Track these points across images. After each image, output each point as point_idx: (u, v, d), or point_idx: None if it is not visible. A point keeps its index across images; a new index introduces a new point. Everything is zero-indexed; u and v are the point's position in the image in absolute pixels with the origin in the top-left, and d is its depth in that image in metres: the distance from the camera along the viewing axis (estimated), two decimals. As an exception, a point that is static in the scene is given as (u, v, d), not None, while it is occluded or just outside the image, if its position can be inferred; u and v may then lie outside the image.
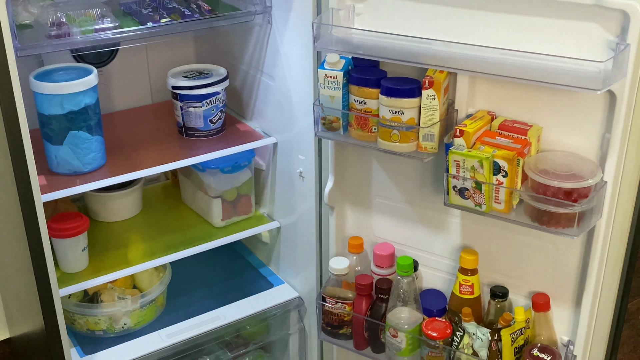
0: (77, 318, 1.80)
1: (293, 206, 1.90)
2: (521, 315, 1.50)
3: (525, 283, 1.55)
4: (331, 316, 1.72)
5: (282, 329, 2.01)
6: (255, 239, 2.11)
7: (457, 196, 1.40)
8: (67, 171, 1.67)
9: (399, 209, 1.67)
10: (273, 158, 1.92)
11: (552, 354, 1.48)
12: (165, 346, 1.79)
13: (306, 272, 1.93)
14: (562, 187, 1.29)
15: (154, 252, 1.84)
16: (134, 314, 1.82)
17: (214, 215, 1.93)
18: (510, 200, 1.37)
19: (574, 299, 1.50)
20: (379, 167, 1.65)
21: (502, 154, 1.33)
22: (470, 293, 1.57)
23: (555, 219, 1.31)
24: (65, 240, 1.70)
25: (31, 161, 1.45)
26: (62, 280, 1.71)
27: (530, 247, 1.51)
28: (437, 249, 1.65)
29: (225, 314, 1.89)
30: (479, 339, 1.51)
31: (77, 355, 1.75)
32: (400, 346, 1.61)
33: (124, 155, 1.78)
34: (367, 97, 1.45)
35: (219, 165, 1.87)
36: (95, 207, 1.97)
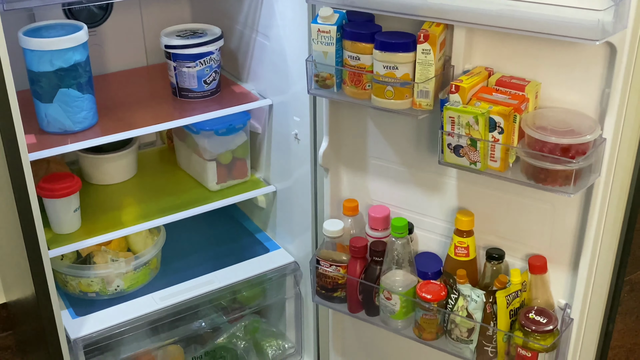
0: (69, 280, 1.78)
1: (289, 170, 1.87)
2: (517, 277, 1.47)
3: (522, 245, 1.52)
4: (325, 279, 1.69)
5: (278, 294, 1.99)
6: (252, 204, 2.08)
7: (452, 154, 1.36)
8: (57, 130, 1.64)
9: (394, 171, 1.64)
10: (269, 121, 1.89)
11: (549, 316, 1.45)
12: (158, 309, 1.77)
13: (302, 237, 1.90)
14: (560, 144, 1.25)
15: (147, 215, 1.82)
16: (127, 277, 1.80)
17: (209, 179, 1.90)
18: (506, 158, 1.33)
19: (571, 262, 1.47)
20: (374, 128, 1.61)
21: (499, 110, 1.29)
22: (466, 255, 1.54)
23: (552, 177, 1.28)
24: (57, 200, 1.68)
25: (17, 118, 1.41)
26: (54, 242, 1.69)
27: (528, 208, 1.48)
28: (433, 211, 1.62)
29: (219, 278, 1.88)
30: (473, 301, 1.49)
31: (69, 316, 1.74)
32: (394, 309, 1.59)
33: (116, 115, 1.75)
34: (361, 53, 1.41)
35: (214, 127, 1.84)
36: (88, 169, 1.94)
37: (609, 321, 1.48)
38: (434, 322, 1.56)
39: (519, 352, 1.46)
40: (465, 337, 1.52)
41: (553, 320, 1.44)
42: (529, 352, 1.44)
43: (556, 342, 1.44)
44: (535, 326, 1.43)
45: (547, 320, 1.44)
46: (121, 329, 1.72)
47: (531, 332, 1.43)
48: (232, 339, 1.98)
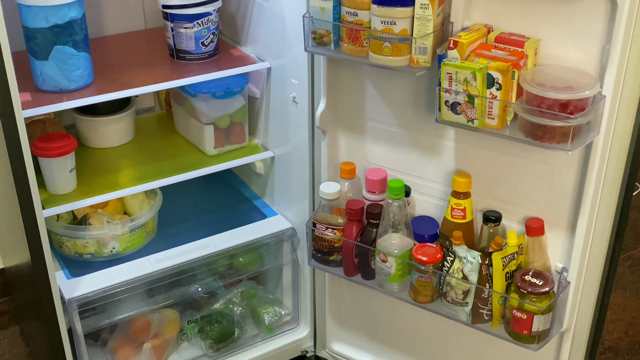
0: (64, 241, 1.78)
1: (287, 135, 1.85)
2: (514, 239, 1.46)
3: (519, 208, 1.50)
4: (321, 242, 1.68)
5: (275, 260, 1.98)
6: (250, 171, 2.07)
7: (449, 112, 1.35)
8: (52, 88, 1.63)
9: (392, 133, 1.62)
10: (267, 85, 1.87)
11: (545, 279, 1.44)
12: (153, 271, 1.76)
13: (300, 204, 1.89)
14: (558, 99, 1.23)
15: (144, 177, 1.80)
16: (123, 239, 1.79)
17: (207, 143, 1.89)
18: (504, 116, 1.31)
19: (569, 224, 1.45)
20: (372, 88, 1.60)
21: (497, 66, 1.27)
22: (462, 217, 1.52)
23: (550, 134, 1.26)
24: (52, 160, 1.67)
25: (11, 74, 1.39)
26: (49, 202, 1.69)
27: (526, 170, 1.46)
28: (430, 174, 1.60)
29: (216, 242, 1.87)
30: (469, 262, 1.47)
31: (64, 277, 1.74)
32: (389, 271, 1.58)
33: (112, 75, 1.73)
34: (359, 8, 1.39)
35: (211, 89, 1.82)
36: (85, 132, 1.93)
37: (607, 284, 1.47)
38: (429, 284, 1.55)
39: (514, 315, 1.44)
40: (461, 299, 1.51)
41: (549, 282, 1.43)
42: (524, 314, 1.43)
43: (552, 305, 1.43)
44: (531, 288, 1.42)
45: (544, 282, 1.43)
46: (116, 290, 1.72)
47: (527, 293, 1.42)
48: (229, 304, 1.97)
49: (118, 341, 1.88)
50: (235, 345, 1.95)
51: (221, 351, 1.93)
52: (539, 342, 1.45)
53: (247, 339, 1.98)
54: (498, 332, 1.50)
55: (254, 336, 2.00)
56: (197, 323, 1.92)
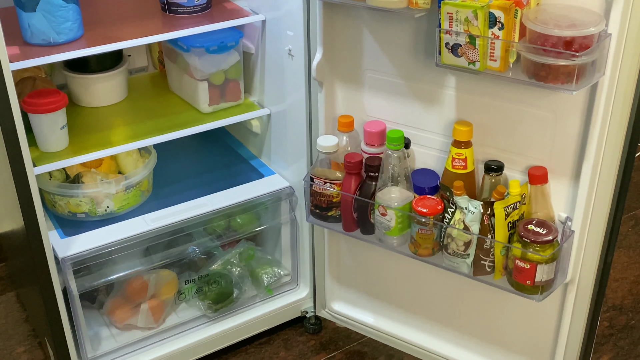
0: (57, 200, 1.74)
1: (283, 91, 1.81)
2: (516, 188, 1.42)
3: (522, 157, 1.47)
4: (319, 198, 1.65)
5: (272, 220, 1.95)
6: (246, 130, 2.03)
7: (450, 54, 1.30)
8: (41, 41, 1.58)
9: (391, 84, 1.58)
10: (262, 39, 1.82)
11: (549, 228, 1.40)
12: (149, 230, 1.73)
13: (297, 163, 1.85)
14: (562, 36, 1.19)
15: (137, 135, 1.76)
16: (117, 197, 1.76)
17: (201, 100, 1.85)
18: (507, 57, 1.27)
19: (573, 172, 1.42)
20: (370, 37, 1.55)
21: (499, 4, 1.23)
22: (463, 167, 1.49)
23: (554, 74, 1.22)
24: (42, 116, 1.63)
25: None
26: (40, 159, 1.65)
27: (529, 117, 1.42)
28: (431, 125, 1.56)
29: (212, 201, 1.83)
30: (470, 212, 1.44)
31: (58, 237, 1.70)
32: (389, 225, 1.54)
33: (102, 29, 1.69)
34: (355, -51, 1.34)
35: (204, 44, 1.77)
36: (77, 91, 1.89)
37: (612, 234, 1.43)
38: (429, 237, 1.51)
39: (517, 265, 1.41)
40: (462, 251, 1.48)
41: (553, 231, 1.40)
42: (527, 264, 1.40)
43: (556, 254, 1.39)
44: (535, 237, 1.39)
45: (547, 231, 1.39)
46: (111, 249, 1.68)
47: (530, 242, 1.39)
48: (227, 265, 1.94)
49: (115, 302, 1.86)
50: (234, 306, 1.92)
51: (220, 312, 1.90)
52: (542, 293, 1.42)
53: (246, 300, 1.95)
54: (500, 284, 1.47)
55: (252, 297, 1.97)
56: (195, 283, 1.89)
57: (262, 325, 1.97)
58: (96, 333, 1.85)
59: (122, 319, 1.85)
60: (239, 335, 1.94)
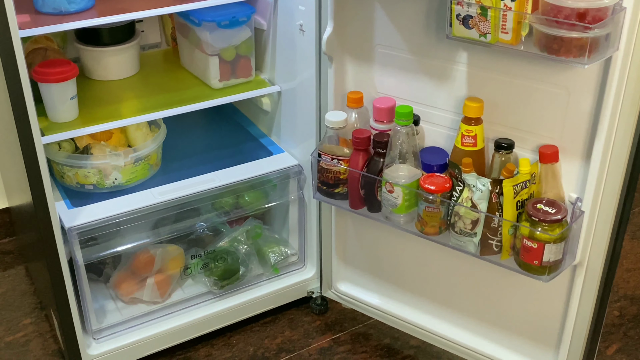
0: (66, 171, 1.74)
1: (294, 68, 1.80)
2: (526, 166, 1.40)
3: (533, 136, 1.44)
4: (327, 174, 1.63)
5: (280, 198, 1.94)
6: (256, 108, 2.02)
7: (461, 26, 1.28)
8: (52, 10, 1.58)
9: (402, 60, 1.56)
10: (274, 15, 1.81)
11: (558, 207, 1.38)
12: (156, 203, 1.73)
13: (307, 142, 1.84)
14: (575, 8, 1.16)
15: (147, 109, 1.76)
16: (126, 170, 1.76)
17: (211, 75, 1.84)
18: (519, 30, 1.25)
19: (584, 152, 1.39)
20: (381, 11, 1.53)
21: (511, -26, 1.21)
22: (473, 145, 1.47)
23: (566, 46, 1.19)
24: (52, 85, 1.63)
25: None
26: (49, 129, 1.65)
27: (540, 94, 1.39)
28: (441, 102, 1.54)
29: (220, 177, 1.83)
30: (478, 190, 1.42)
31: (65, 207, 1.70)
32: (396, 202, 1.53)
33: (114, 1, 1.68)
34: None
35: (216, 18, 1.76)
36: (89, 63, 1.89)
37: (622, 216, 1.41)
38: (437, 215, 1.50)
39: (525, 244, 1.39)
40: (469, 229, 1.46)
41: (562, 210, 1.37)
42: (535, 244, 1.38)
43: (564, 233, 1.37)
44: (543, 215, 1.36)
45: (556, 210, 1.37)
46: (117, 220, 1.68)
47: (538, 221, 1.36)
48: (234, 242, 1.94)
49: (121, 276, 1.86)
50: (240, 283, 1.92)
51: (225, 289, 1.90)
52: (549, 274, 1.40)
53: (252, 278, 1.94)
54: (507, 264, 1.45)
55: (259, 275, 1.96)
56: (201, 259, 1.89)
57: (268, 304, 1.97)
58: (102, 306, 1.85)
59: (128, 292, 1.85)
60: (244, 313, 1.93)
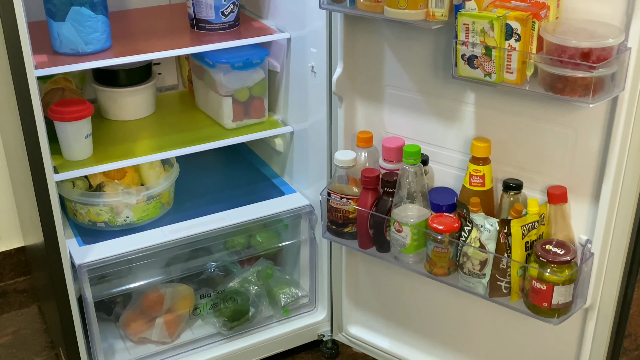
0: (78, 209, 1.76)
1: (306, 109, 1.81)
2: (534, 207, 1.39)
3: (541, 176, 1.43)
4: (336, 213, 1.63)
5: (292, 238, 1.94)
6: (269, 149, 2.04)
7: (466, 66, 1.29)
8: (69, 51, 1.62)
9: (410, 100, 1.57)
10: (287, 57, 1.84)
11: (567, 248, 1.36)
12: (166, 241, 1.73)
13: (318, 182, 1.84)
14: (580, 47, 1.17)
15: (160, 148, 1.78)
16: (137, 208, 1.77)
17: (225, 116, 1.86)
18: (524, 69, 1.25)
19: (593, 192, 1.38)
20: (390, 52, 1.55)
21: (515, 15, 1.22)
22: (481, 185, 1.46)
23: (571, 86, 1.20)
24: (67, 124, 1.66)
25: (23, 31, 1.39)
26: (63, 167, 1.67)
27: (548, 134, 1.39)
28: (449, 142, 1.55)
29: (232, 216, 1.83)
30: (486, 230, 1.41)
31: (76, 244, 1.72)
32: (404, 242, 1.52)
33: (130, 42, 1.72)
34: (375, -39, 1.35)
35: (230, 60, 1.80)
36: (106, 103, 1.92)
37: (634, 258, 1.38)
38: (445, 255, 1.48)
39: (534, 285, 1.37)
40: (478, 270, 1.44)
41: (571, 251, 1.36)
42: (544, 285, 1.36)
43: (573, 275, 1.35)
44: (552, 257, 1.35)
45: (565, 251, 1.35)
46: (127, 257, 1.69)
47: (547, 262, 1.35)
48: (244, 283, 1.93)
49: (130, 315, 1.86)
50: (249, 325, 1.90)
51: (235, 330, 1.88)
52: (559, 317, 1.37)
53: (262, 319, 1.93)
54: (517, 306, 1.43)
55: (269, 317, 1.95)
56: (211, 299, 1.88)
57: (278, 346, 1.95)
58: (111, 345, 1.84)
59: (137, 332, 1.84)
60: (254, 355, 1.91)
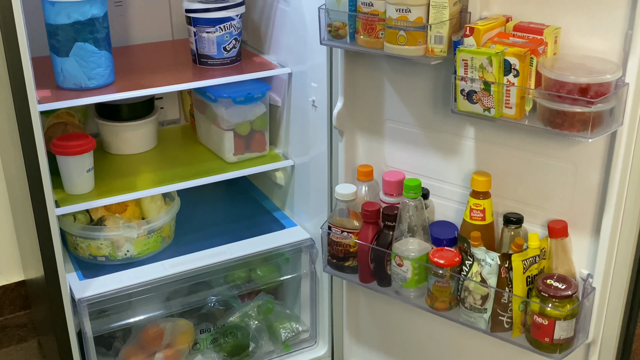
0: (79, 242, 1.76)
1: (307, 143, 1.82)
2: (535, 241, 1.39)
3: (541, 210, 1.44)
4: (337, 247, 1.63)
5: (292, 272, 1.93)
6: (270, 182, 2.04)
7: (465, 101, 1.30)
8: (72, 86, 1.64)
9: (411, 134, 1.58)
10: (288, 92, 1.86)
11: (569, 283, 1.36)
12: (166, 275, 1.73)
13: (319, 216, 1.85)
14: (578, 83, 1.18)
15: (161, 181, 1.79)
16: (138, 242, 1.77)
17: (226, 149, 1.87)
18: (522, 104, 1.26)
19: (593, 227, 1.38)
20: (390, 87, 1.56)
21: (514, 51, 1.23)
22: (482, 219, 1.46)
23: (570, 121, 1.20)
24: (69, 158, 1.67)
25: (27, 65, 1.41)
26: (65, 201, 1.68)
27: (548, 168, 1.40)
28: (450, 176, 1.55)
29: (232, 250, 1.83)
30: (487, 264, 1.40)
31: (77, 278, 1.71)
32: (405, 276, 1.51)
33: (132, 77, 1.74)
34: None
35: (232, 94, 1.81)
36: (108, 138, 1.94)
37: (635, 292, 1.38)
38: (446, 290, 1.48)
39: (535, 320, 1.36)
40: (479, 305, 1.43)
41: (573, 286, 1.35)
42: (546, 320, 1.35)
43: (575, 310, 1.34)
44: (553, 291, 1.34)
45: (567, 286, 1.35)
46: (127, 292, 1.68)
47: (548, 297, 1.34)
48: (244, 318, 1.92)
49: (130, 350, 1.84)
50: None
51: (235, 365, 1.87)
52: (561, 352, 1.36)
53: (262, 355, 1.91)
54: (519, 341, 1.42)
55: (269, 352, 1.93)
56: (211, 333, 1.87)
57: (278, 381, 1.93)
58: (110, 381, 1.83)
59: (136, 367, 1.83)
60: (254, 390, 1.90)
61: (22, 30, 1.40)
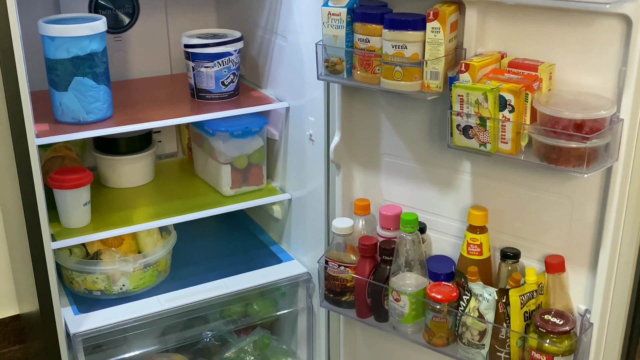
0: (75, 277, 1.75)
1: (304, 177, 1.83)
2: (532, 276, 1.38)
3: (538, 245, 1.43)
4: (334, 281, 1.62)
5: (289, 307, 1.92)
6: (267, 216, 2.04)
7: (461, 136, 1.31)
8: (71, 120, 1.64)
9: (407, 168, 1.58)
10: (285, 126, 1.87)
11: (566, 319, 1.35)
12: (162, 310, 1.72)
13: (316, 250, 1.84)
14: (573, 119, 1.19)
15: (158, 215, 1.79)
16: (134, 276, 1.76)
17: (223, 183, 1.87)
18: (518, 140, 1.27)
19: (591, 262, 1.38)
20: (387, 122, 1.57)
21: (509, 87, 1.24)
22: (479, 254, 1.46)
23: (565, 156, 1.21)
24: (67, 192, 1.67)
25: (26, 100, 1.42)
26: (61, 235, 1.68)
27: (545, 203, 1.40)
28: (447, 210, 1.55)
29: (229, 284, 1.82)
30: (485, 299, 1.40)
31: (72, 313, 1.70)
32: (403, 311, 1.51)
33: (131, 111, 1.75)
34: (371, 35, 1.38)
35: (229, 128, 1.82)
36: (105, 171, 1.94)
37: (633, 327, 1.37)
38: (444, 325, 1.47)
39: (533, 356, 1.35)
40: (477, 340, 1.42)
41: (570, 322, 1.34)
42: (544, 356, 1.34)
43: (573, 346, 1.33)
44: (551, 327, 1.33)
45: (564, 321, 1.34)
46: (122, 327, 1.67)
47: (546, 333, 1.33)
48: (240, 353, 1.90)
49: (125, 385, 1.82)
50: (245, 395, 1.87)
51: (230, 401, 1.85)
52: (560, 388, 1.35)
53: (258, 390, 1.90)
54: (517, 377, 1.40)
55: (265, 388, 1.91)
56: (206, 369, 1.85)
57: (274, 418, 1.91)
58: (104, 418, 1.80)
59: (131, 402, 1.81)
60: None
61: (21, 65, 1.41)
